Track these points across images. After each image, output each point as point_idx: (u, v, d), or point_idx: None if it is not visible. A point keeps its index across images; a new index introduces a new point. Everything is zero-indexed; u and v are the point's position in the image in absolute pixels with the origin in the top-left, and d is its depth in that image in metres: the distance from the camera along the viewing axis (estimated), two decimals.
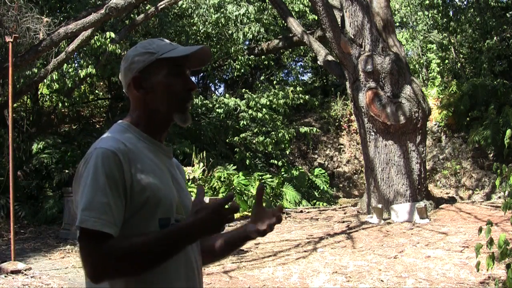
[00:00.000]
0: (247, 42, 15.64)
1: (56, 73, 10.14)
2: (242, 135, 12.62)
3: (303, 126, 13.39)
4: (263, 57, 15.61)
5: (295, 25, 10.70)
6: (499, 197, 10.35)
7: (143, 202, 1.31)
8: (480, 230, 2.98)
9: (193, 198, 1.45)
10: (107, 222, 1.23)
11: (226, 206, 1.31)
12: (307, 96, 13.42)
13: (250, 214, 10.95)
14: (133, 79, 1.43)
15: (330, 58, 10.08)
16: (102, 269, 1.21)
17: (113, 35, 9.91)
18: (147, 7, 11.95)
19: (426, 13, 14.54)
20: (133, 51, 1.45)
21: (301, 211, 10.29)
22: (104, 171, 1.26)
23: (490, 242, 2.88)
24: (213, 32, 14.08)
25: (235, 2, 13.71)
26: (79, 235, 1.24)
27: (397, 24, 15.75)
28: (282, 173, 12.66)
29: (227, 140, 12.93)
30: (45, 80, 10.36)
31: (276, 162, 13.29)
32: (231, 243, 1.63)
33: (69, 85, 10.81)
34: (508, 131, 3.23)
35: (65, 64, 10.40)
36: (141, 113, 1.44)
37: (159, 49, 1.42)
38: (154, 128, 1.44)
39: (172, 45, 1.44)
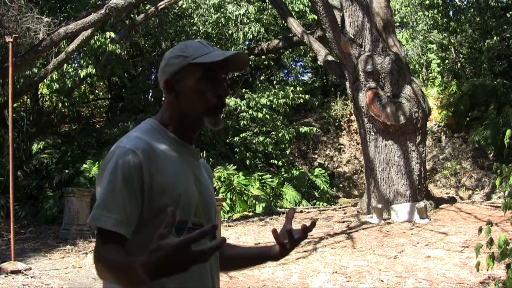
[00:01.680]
0: (247, 42, 15.64)
1: (56, 73, 10.14)
2: (242, 135, 12.62)
3: (303, 126, 13.39)
4: (263, 57, 15.61)
5: (295, 25, 10.70)
6: (499, 197, 10.34)
7: (162, 203, 1.31)
8: (480, 230, 2.98)
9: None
10: (117, 221, 1.25)
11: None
12: (307, 96, 13.42)
13: (250, 214, 10.85)
14: (165, 82, 1.44)
15: (330, 58, 10.09)
16: (96, 268, 1.26)
17: (113, 35, 9.90)
18: (147, 7, 11.95)
19: (426, 13, 14.54)
20: (170, 53, 1.47)
21: (301, 211, 10.29)
22: (122, 171, 1.28)
23: (490, 242, 2.88)
24: (213, 32, 14.08)
25: (235, 2, 13.71)
26: (96, 232, 1.28)
27: (397, 24, 15.75)
28: (282, 173, 12.66)
29: (227, 140, 12.93)
30: (45, 80, 10.36)
31: (276, 162, 13.29)
32: (250, 259, 1.61)
33: (69, 85, 10.82)
34: (508, 131, 3.23)
35: (65, 64, 10.40)
36: (171, 114, 1.45)
37: (193, 52, 1.41)
38: (183, 130, 1.45)
39: (207, 48, 1.43)
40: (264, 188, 11.20)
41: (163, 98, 12.15)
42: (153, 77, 14.98)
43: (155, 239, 1.08)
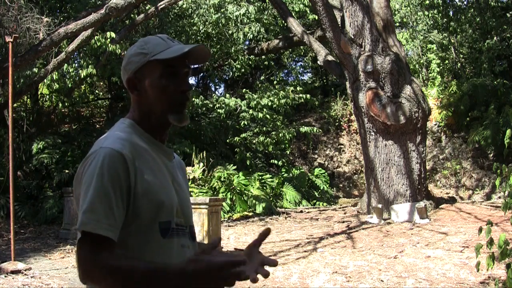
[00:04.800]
0: (247, 42, 15.65)
1: (56, 73, 10.14)
2: (243, 135, 12.62)
3: (303, 126, 13.39)
4: (263, 57, 15.61)
5: (295, 25, 10.70)
6: (499, 197, 10.35)
7: (145, 205, 1.30)
8: (480, 230, 2.98)
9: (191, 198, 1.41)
10: (107, 225, 1.22)
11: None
12: (307, 95, 13.40)
13: (250, 214, 10.85)
14: (127, 81, 1.42)
15: (330, 58, 10.09)
16: (91, 275, 1.22)
17: (113, 35, 9.90)
18: (147, 7, 11.94)
19: (426, 13, 14.54)
20: (130, 51, 1.44)
21: (301, 211, 10.30)
22: (109, 172, 1.25)
23: (490, 242, 2.88)
24: (213, 32, 14.08)
25: (235, 2, 13.71)
26: (80, 236, 1.23)
27: (397, 24, 15.75)
28: (282, 173, 12.65)
29: (227, 140, 12.93)
30: (45, 80, 10.36)
31: (276, 162, 13.29)
32: None
33: (69, 85, 10.81)
34: (508, 131, 3.23)
35: (65, 64, 10.40)
36: (139, 113, 1.43)
37: (152, 49, 1.39)
38: (153, 129, 1.42)
39: (167, 43, 1.40)
40: (264, 188, 11.20)
41: None
42: None
43: (197, 252, 1.19)
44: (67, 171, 10.22)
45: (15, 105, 10.68)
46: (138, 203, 1.29)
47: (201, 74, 16.80)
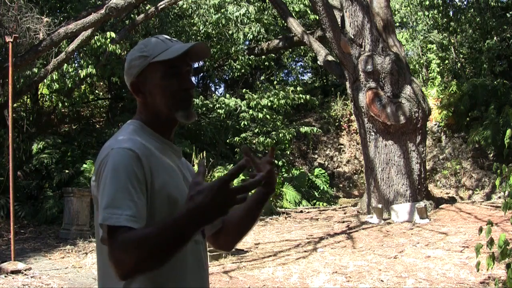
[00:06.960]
0: (247, 42, 15.64)
1: (56, 73, 10.14)
2: (243, 135, 12.61)
3: (303, 126, 13.38)
4: (263, 57, 15.60)
5: (295, 25, 10.71)
6: (499, 197, 10.34)
7: (161, 201, 1.31)
8: (480, 230, 2.98)
9: None
10: (130, 217, 1.20)
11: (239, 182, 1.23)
12: (308, 96, 13.39)
13: None
14: (131, 85, 1.45)
15: (330, 58, 10.09)
16: (121, 263, 1.17)
17: (113, 35, 9.89)
18: (147, 7, 11.95)
19: (426, 13, 14.54)
20: (130, 54, 1.46)
21: (301, 211, 10.29)
22: (125, 168, 1.26)
23: (490, 242, 2.88)
24: (213, 32, 14.08)
25: (235, 3, 13.71)
26: (106, 233, 1.21)
27: (397, 24, 15.75)
28: (282, 173, 12.65)
29: (227, 140, 12.93)
30: (45, 80, 10.36)
31: (276, 162, 13.28)
32: (249, 211, 1.50)
33: (69, 85, 10.81)
34: (508, 131, 3.23)
35: (65, 64, 10.40)
36: (147, 115, 1.45)
37: (152, 51, 1.41)
38: (162, 128, 1.45)
39: (166, 44, 1.42)
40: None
41: None
42: None
43: (192, 187, 1.17)
44: (67, 171, 10.22)
45: (15, 105, 10.69)
46: (154, 200, 1.30)
47: (201, 74, 16.80)
